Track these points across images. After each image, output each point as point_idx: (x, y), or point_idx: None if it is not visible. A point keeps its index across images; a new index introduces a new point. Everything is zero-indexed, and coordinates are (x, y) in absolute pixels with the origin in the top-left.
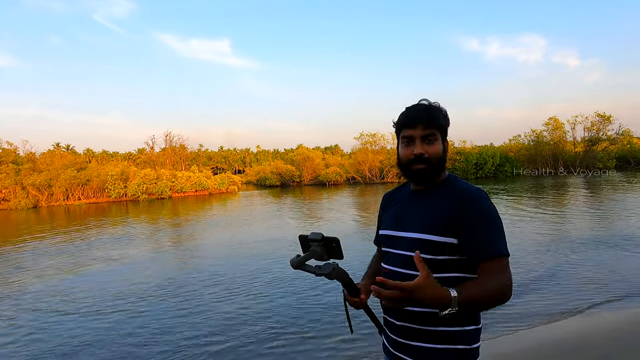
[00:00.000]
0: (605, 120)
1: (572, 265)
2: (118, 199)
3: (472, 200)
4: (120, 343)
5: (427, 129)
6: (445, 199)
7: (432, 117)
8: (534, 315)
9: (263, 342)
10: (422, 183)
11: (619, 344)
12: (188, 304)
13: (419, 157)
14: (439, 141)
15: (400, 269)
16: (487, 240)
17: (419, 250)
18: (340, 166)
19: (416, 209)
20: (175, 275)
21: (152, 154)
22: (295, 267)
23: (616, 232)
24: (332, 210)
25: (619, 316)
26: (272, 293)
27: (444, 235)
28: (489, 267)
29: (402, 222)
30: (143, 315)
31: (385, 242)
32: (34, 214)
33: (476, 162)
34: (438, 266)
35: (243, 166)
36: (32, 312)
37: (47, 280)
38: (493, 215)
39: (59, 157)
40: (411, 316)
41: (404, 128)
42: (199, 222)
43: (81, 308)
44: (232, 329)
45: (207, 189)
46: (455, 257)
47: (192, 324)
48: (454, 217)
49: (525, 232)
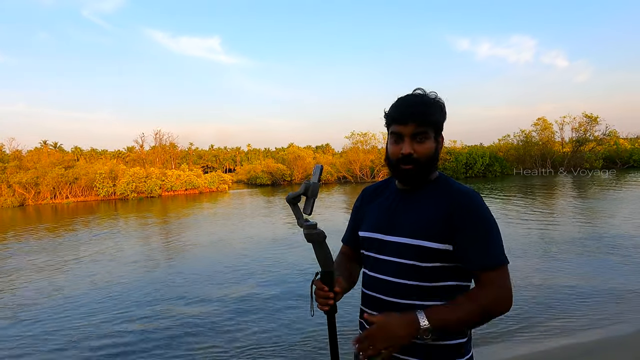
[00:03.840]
0: (592, 121)
1: (565, 268)
2: (106, 198)
3: (470, 204)
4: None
5: (418, 127)
6: (439, 202)
7: (426, 114)
8: (533, 325)
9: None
10: (410, 184)
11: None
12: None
13: (406, 156)
14: (430, 139)
15: (387, 276)
16: (487, 249)
17: (409, 256)
18: (331, 165)
19: (405, 211)
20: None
21: (142, 152)
22: (288, 200)
23: (601, 234)
24: (322, 208)
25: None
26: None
27: (439, 241)
28: (489, 277)
29: (389, 225)
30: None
31: (368, 245)
32: (20, 212)
33: (466, 162)
34: (429, 274)
35: (234, 165)
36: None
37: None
38: (491, 220)
39: (46, 155)
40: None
41: (393, 123)
42: (187, 220)
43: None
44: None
45: (198, 187)
46: (448, 264)
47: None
48: (450, 222)
49: (515, 232)
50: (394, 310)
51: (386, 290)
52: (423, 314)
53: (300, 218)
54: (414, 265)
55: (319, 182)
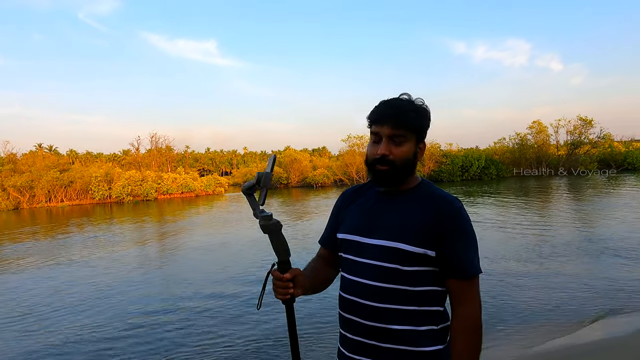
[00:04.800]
0: (587, 124)
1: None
2: (102, 201)
3: (454, 212)
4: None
5: (395, 129)
6: (423, 206)
7: (401, 116)
8: (532, 326)
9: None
10: (383, 185)
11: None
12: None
13: (382, 157)
14: (409, 143)
15: (365, 279)
16: (466, 258)
17: (390, 259)
18: (328, 168)
19: (386, 214)
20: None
21: (138, 155)
22: (243, 191)
23: (597, 235)
24: (318, 211)
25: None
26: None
27: (421, 246)
28: (461, 286)
29: (368, 227)
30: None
31: (346, 248)
32: (15, 216)
33: (462, 165)
34: (410, 278)
35: (230, 168)
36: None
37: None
38: (472, 230)
39: (41, 158)
40: (370, 332)
41: (373, 124)
42: (183, 223)
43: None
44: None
45: (194, 190)
46: (427, 268)
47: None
48: (435, 228)
49: (510, 234)
50: (371, 314)
51: (364, 293)
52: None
53: (257, 209)
54: (394, 269)
55: (271, 172)
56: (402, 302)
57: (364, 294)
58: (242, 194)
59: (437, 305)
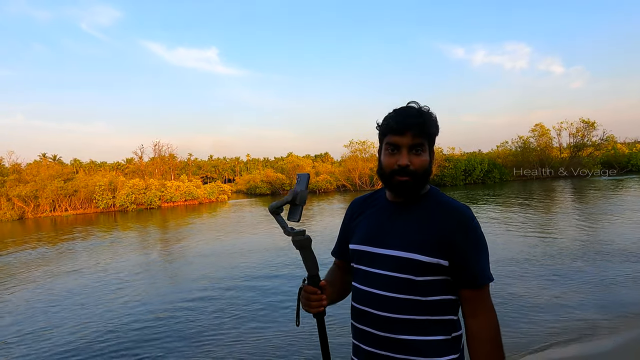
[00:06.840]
0: (589, 126)
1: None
2: (106, 210)
3: (466, 221)
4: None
5: (416, 138)
6: (434, 216)
7: (424, 125)
8: (537, 331)
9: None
10: (404, 196)
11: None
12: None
13: (403, 168)
14: (426, 152)
15: (379, 290)
16: (479, 267)
17: (403, 269)
18: (331, 174)
19: (398, 224)
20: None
21: (141, 163)
22: (272, 211)
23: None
24: (321, 217)
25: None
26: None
27: (435, 256)
28: (475, 295)
29: (381, 238)
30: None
31: (358, 259)
32: (19, 225)
33: (465, 169)
34: (423, 288)
35: (233, 175)
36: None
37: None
38: (483, 238)
39: (45, 168)
40: (383, 343)
41: (390, 134)
42: (186, 230)
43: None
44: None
45: (197, 198)
46: (440, 277)
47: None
48: (447, 237)
49: (516, 239)
50: (384, 325)
51: (377, 304)
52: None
53: (286, 227)
54: (407, 279)
55: (306, 190)
56: (415, 312)
57: (377, 305)
58: (270, 213)
59: (449, 315)
